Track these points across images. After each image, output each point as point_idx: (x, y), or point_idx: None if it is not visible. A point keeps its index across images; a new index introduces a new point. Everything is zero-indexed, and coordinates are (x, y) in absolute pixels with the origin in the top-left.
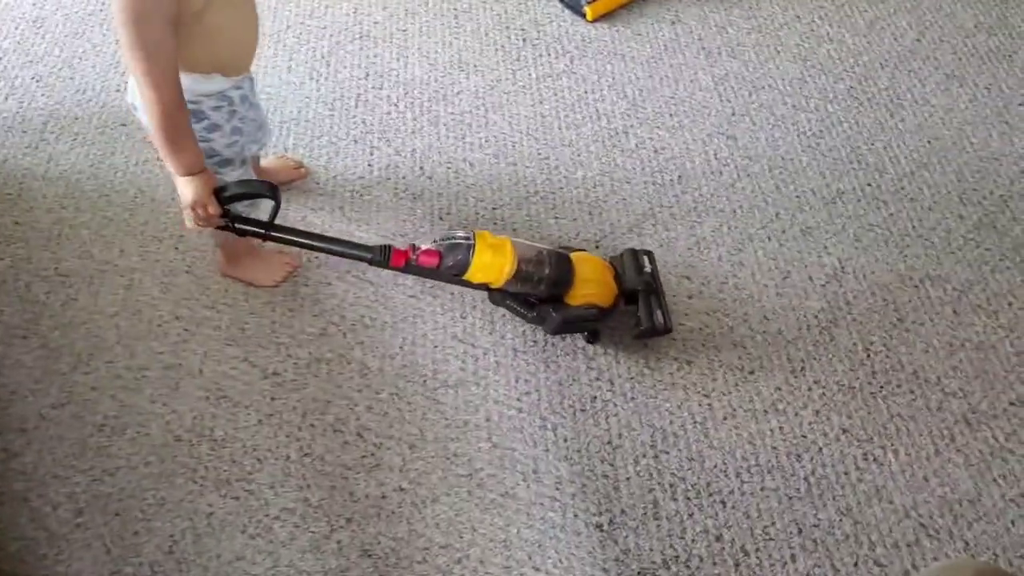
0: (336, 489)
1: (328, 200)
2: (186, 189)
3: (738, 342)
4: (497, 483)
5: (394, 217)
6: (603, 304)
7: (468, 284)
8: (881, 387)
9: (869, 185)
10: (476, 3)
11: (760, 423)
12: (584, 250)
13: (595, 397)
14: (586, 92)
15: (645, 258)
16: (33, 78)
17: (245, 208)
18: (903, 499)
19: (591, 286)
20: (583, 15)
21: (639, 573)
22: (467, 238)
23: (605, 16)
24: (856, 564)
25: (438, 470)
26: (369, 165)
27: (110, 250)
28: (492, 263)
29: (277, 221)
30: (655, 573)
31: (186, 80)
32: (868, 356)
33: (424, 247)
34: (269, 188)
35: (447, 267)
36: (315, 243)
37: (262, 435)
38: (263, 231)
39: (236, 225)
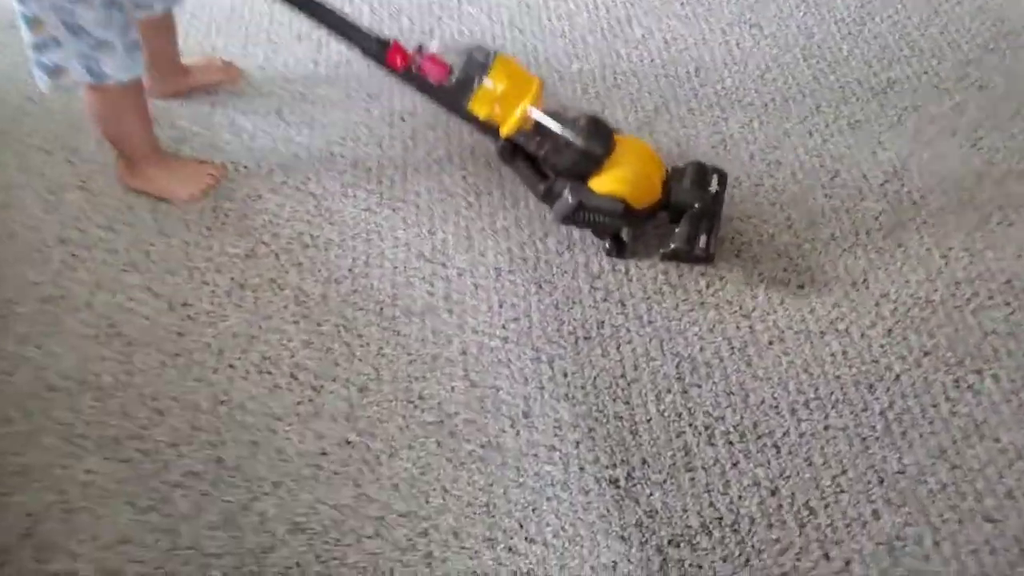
0: (259, 446)
1: (263, 101)
2: None
3: (782, 251)
4: (476, 431)
5: (344, 119)
6: (633, 202)
7: (473, 122)
8: (968, 299)
9: (926, 73)
10: None
11: (817, 347)
12: (634, 137)
13: (602, 322)
14: None
15: (714, 177)
16: None
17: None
18: (1012, 436)
19: (625, 172)
20: None
21: (670, 541)
22: (487, 54)
23: None
24: (960, 521)
25: (397, 417)
26: (315, 63)
27: None
28: (507, 94)
29: None
30: (692, 540)
31: None
32: (947, 263)
33: (433, 50)
34: None
35: (452, 83)
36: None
37: (164, 380)
38: None
39: None
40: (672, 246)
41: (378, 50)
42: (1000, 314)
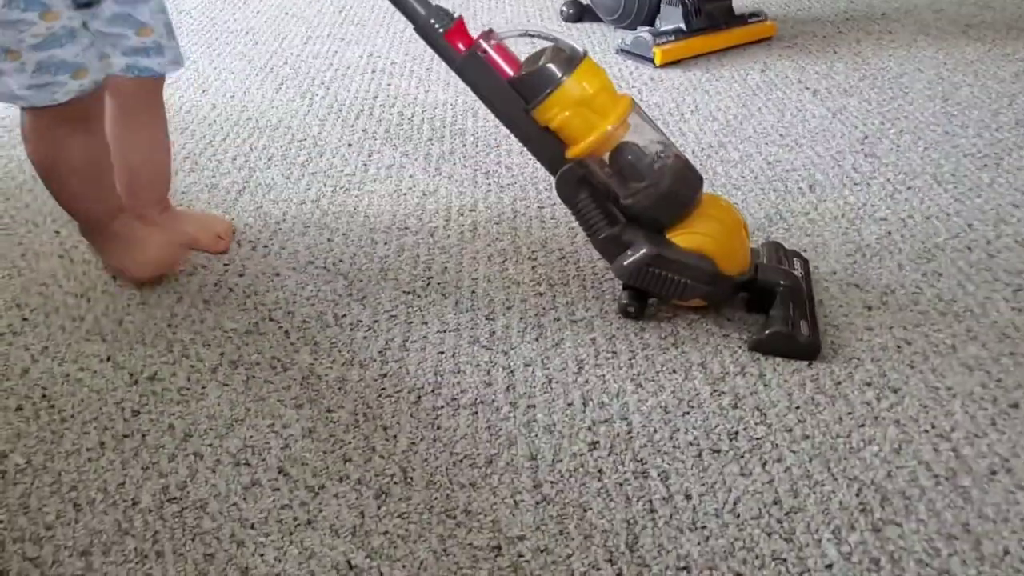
0: (215, 561)
1: (297, 191)
2: None
3: (973, 364)
4: (552, 565)
5: (392, 211)
6: (723, 264)
7: (530, 135)
8: None
9: None
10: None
11: None
12: (717, 195)
13: (735, 433)
14: (662, 115)
15: (796, 261)
16: None
17: None
18: None
19: (715, 226)
20: (651, 59)
21: None
22: (573, 51)
23: (676, 63)
24: None
25: (431, 536)
26: (364, 165)
27: None
28: (590, 105)
29: None
30: None
31: None
32: None
33: (505, 38)
34: None
35: (521, 76)
36: None
37: (96, 467)
38: None
39: None
40: (769, 331)
41: (437, 23)
42: None
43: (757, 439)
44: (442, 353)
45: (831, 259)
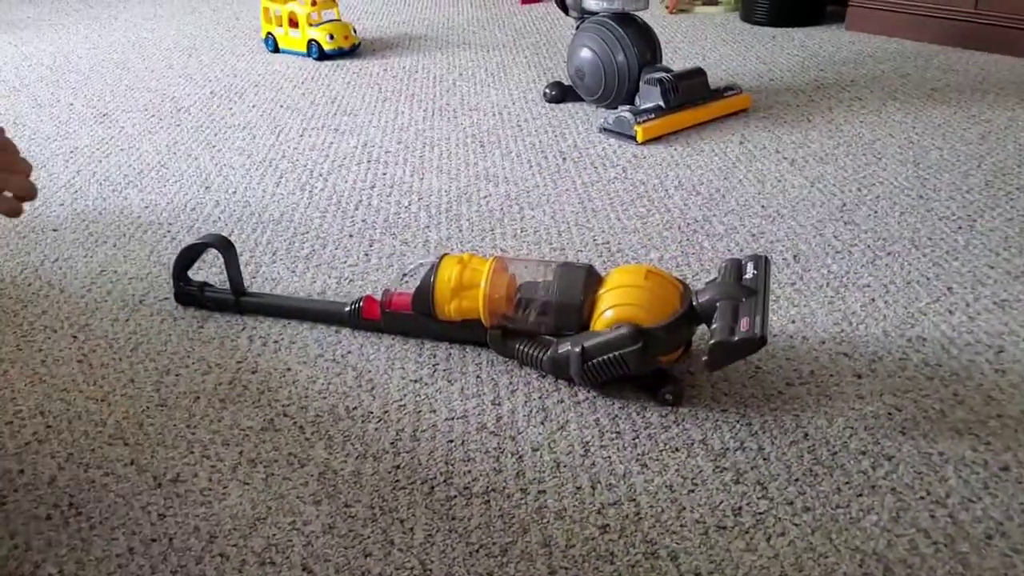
0: None
1: (302, 284)
2: None
3: (961, 428)
4: None
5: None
6: (643, 319)
7: (456, 332)
8: None
9: None
10: (506, 134)
11: None
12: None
13: (739, 508)
14: (647, 192)
15: (750, 264)
16: None
17: None
18: None
19: (616, 295)
20: (632, 137)
21: None
22: (433, 261)
23: (658, 139)
24: None
25: None
26: (366, 254)
27: None
28: (466, 284)
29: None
30: None
31: None
32: None
33: (393, 287)
34: (217, 239)
35: (415, 302)
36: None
37: (127, 572)
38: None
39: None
40: (711, 342)
41: (351, 307)
42: None
43: (760, 514)
44: (451, 441)
45: (819, 328)
